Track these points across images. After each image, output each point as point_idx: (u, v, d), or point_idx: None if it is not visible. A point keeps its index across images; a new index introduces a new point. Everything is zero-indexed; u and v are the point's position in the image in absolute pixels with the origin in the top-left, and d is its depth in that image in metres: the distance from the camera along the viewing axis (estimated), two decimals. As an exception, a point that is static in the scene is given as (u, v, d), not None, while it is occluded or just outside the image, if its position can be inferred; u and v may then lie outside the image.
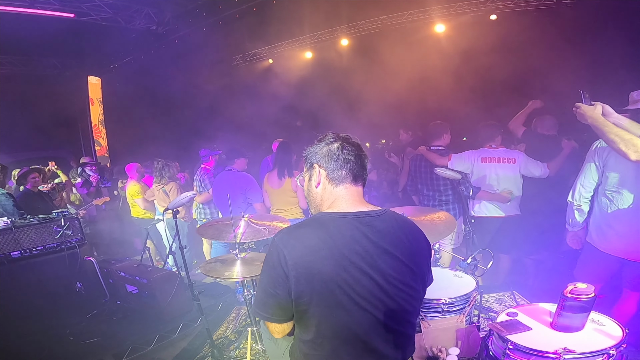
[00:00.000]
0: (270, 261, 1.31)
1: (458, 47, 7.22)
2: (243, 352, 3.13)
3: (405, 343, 1.45)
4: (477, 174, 3.81)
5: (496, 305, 3.69)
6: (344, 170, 1.42)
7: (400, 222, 1.43)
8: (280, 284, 1.28)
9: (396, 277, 1.34)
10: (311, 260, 1.26)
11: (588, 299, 1.72)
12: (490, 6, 7.13)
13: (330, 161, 1.42)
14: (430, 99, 7.11)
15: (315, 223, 1.35)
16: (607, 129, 2.17)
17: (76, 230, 4.04)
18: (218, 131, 7.73)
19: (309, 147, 1.50)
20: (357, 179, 1.45)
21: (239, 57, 10.03)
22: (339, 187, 1.43)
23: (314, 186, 1.47)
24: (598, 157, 2.55)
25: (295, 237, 1.31)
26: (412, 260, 1.38)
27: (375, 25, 8.14)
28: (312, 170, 1.47)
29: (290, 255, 1.26)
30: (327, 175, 1.43)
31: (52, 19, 6.67)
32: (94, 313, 4.00)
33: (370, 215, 1.37)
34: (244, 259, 2.77)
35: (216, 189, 4.61)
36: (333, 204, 1.42)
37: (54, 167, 5.88)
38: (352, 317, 1.30)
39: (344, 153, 1.42)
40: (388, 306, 1.33)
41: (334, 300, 1.27)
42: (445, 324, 2.24)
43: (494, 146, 3.83)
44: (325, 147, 1.44)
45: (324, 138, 1.48)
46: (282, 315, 1.36)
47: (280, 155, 4.24)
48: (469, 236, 3.23)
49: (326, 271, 1.26)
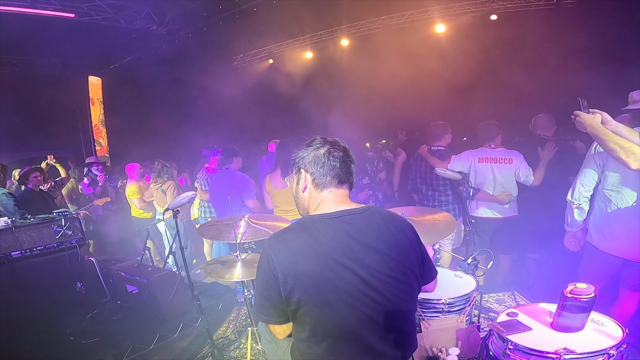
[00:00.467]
0: (261, 266, 1.38)
1: (458, 47, 7.22)
2: (243, 352, 3.13)
3: (404, 340, 1.45)
4: (474, 174, 3.81)
5: (496, 305, 3.69)
6: (329, 177, 1.46)
7: (384, 216, 1.46)
8: (272, 286, 1.34)
9: (383, 272, 1.36)
10: (296, 261, 1.32)
11: (588, 299, 1.72)
12: (491, 6, 7.13)
13: (316, 167, 1.46)
14: (431, 99, 7.11)
15: (300, 226, 1.41)
16: (606, 137, 2.17)
17: (77, 230, 4.05)
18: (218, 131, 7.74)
19: (297, 151, 1.54)
20: (343, 183, 1.49)
21: (239, 57, 10.04)
22: (324, 192, 1.48)
23: (301, 190, 1.52)
24: (598, 157, 2.55)
25: (281, 241, 1.38)
26: (400, 253, 1.41)
27: (375, 25, 8.15)
28: (300, 174, 1.52)
29: (278, 258, 1.33)
30: (313, 180, 1.48)
31: (52, 19, 6.67)
32: (94, 313, 4.00)
33: (352, 213, 1.42)
34: (245, 261, 2.77)
35: (212, 188, 4.62)
36: (319, 206, 1.47)
37: (53, 160, 5.85)
38: (341, 314, 1.33)
39: (330, 159, 1.46)
40: (378, 302, 1.35)
41: (322, 298, 1.31)
42: (445, 324, 2.24)
43: (493, 146, 3.81)
44: (313, 152, 1.48)
45: (312, 143, 1.51)
46: (280, 316, 1.40)
47: (282, 155, 4.23)
48: (469, 236, 3.23)
49: (311, 271, 1.31)
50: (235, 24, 7.80)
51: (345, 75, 8.37)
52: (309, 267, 1.31)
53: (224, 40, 8.23)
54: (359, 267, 1.33)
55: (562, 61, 6.22)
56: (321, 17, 7.97)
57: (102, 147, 10.59)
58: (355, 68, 8.33)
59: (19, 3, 6.22)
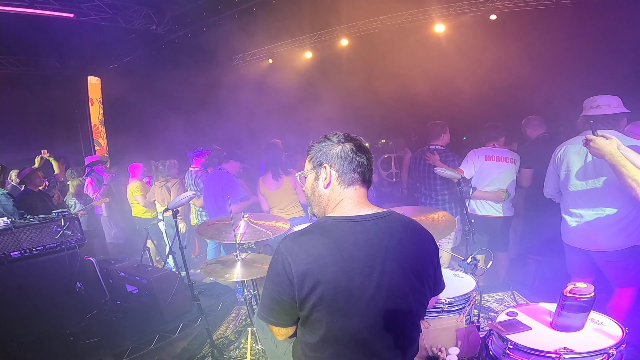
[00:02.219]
0: (275, 268, 1.31)
1: (458, 47, 7.22)
2: (243, 352, 3.14)
3: (409, 346, 1.43)
4: (480, 172, 3.82)
5: (496, 305, 3.69)
6: (356, 173, 1.40)
7: (406, 223, 1.42)
8: (285, 290, 1.29)
9: (400, 281, 1.33)
10: (314, 267, 1.26)
11: (588, 299, 1.72)
12: (490, 6, 7.12)
13: (343, 163, 1.39)
14: (430, 98, 7.11)
15: (319, 229, 1.35)
16: (626, 171, 2.06)
17: (76, 230, 4.04)
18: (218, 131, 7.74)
19: (315, 145, 1.45)
20: (366, 181, 1.43)
21: (238, 57, 10.03)
22: (348, 189, 1.40)
23: (322, 187, 1.43)
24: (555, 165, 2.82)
25: (299, 244, 1.31)
26: (418, 263, 1.37)
27: (375, 25, 8.13)
28: (320, 169, 1.42)
29: (295, 262, 1.27)
30: (339, 176, 1.40)
31: (51, 19, 6.66)
32: (94, 313, 3.99)
33: (374, 217, 1.36)
34: (244, 261, 2.77)
35: (205, 189, 4.67)
36: (338, 205, 1.40)
37: (47, 155, 5.83)
38: (355, 322, 1.29)
39: (358, 155, 1.40)
40: (392, 310, 1.32)
41: (337, 306, 1.27)
42: (445, 323, 2.24)
43: (497, 145, 3.86)
44: (337, 147, 1.41)
45: (333, 137, 1.44)
46: (288, 320, 1.37)
47: (270, 157, 4.27)
48: (469, 236, 3.23)
49: (329, 278, 1.26)
50: (235, 23, 7.78)
51: (344, 74, 8.37)
52: (327, 274, 1.26)
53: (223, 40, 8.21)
54: (378, 275, 1.29)
55: (561, 61, 6.23)
56: (320, 17, 7.96)
57: (101, 147, 10.56)
58: (354, 68, 8.33)
59: (18, 3, 6.21)
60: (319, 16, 7.90)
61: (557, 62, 6.34)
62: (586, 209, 2.62)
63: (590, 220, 2.60)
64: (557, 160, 2.78)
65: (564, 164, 2.72)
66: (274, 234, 2.91)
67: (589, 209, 2.60)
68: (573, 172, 2.66)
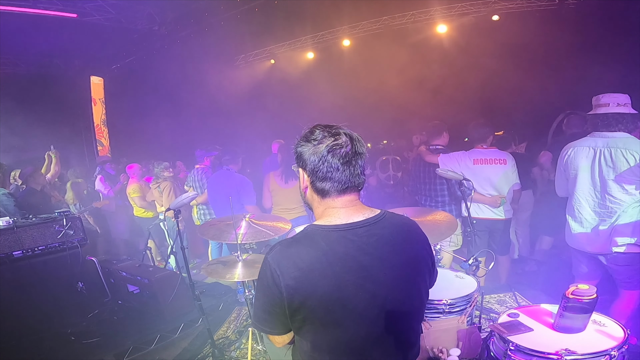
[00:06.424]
0: (264, 280, 1.25)
1: (460, 48, 7.22)
2: (244, 352, 3.13)
3: (407, 349, 1.40)
4: (474, 176, 3.76)
5: (497, 306, 3.68)
6: (329, 182, 1.25)
7: (399, 224, 1.35)
8: (276, 302, 1.24)
9: (396, 288, 1.28)
10: (304, 282, 1.20)
11: (589, 300, 1.71)
12: (493, 7, 7.12)
13: (314, 168, 1.25)
14: (432, 99, 7.12)
15: (307, 240, 1.25)
16: None
17: (78, 229, 4.05)
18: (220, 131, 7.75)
19: (297, 141, 1.31)
20: (347, 189, 1.27)
21: (240, 57, 10.06)
22: (325, 200, 1.29)
23: (302, 189, 1.36)
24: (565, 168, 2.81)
25: (287, 257, 1.23)
26: (413, 265, 1.33)
27: (377, 25, 8.14)
28: (299, 172, 1.34)
29: (283, 276, 1.20)
30: (311, 184, 1.29)
31: (54, 19, 6.69)
32: (95, 313, 4.00)
33: (366, 224, 1.27)
34: (245, 261, 2.77)
35: (211, 187, 4.61)
36: (325, 212, 1.31)
37: (54, 151, 5.76)
38: (348, 333, 1.25)
39: (329, 160, 1.23)
40: (389, 317, 1.27)
41: (329, 318, 1.22)
42: (446, 324, 2.23)
43: (485, 147, 3.72)
44: (311, 148, 1.25)
45: (311, 135, 1.27)
46: (282, 328, 1.32)
47: (287, 156, 4.26)
48: (470, 237, 3.22)
49: (320, 293, 1.20)
50: (237, 24, 7.80)
51: (346, 75, 8.38)
52: (318, 287, 1.19)
53: (225, 41, 8.23)
54: (371, 284, 1.23)
55: (564, 61, 6.21)
56: (323, 17, 7.97)
57: (104, 147, 10.59)
58: (356, 68, 8.33)
59: (21, 3, 6.24)
60: (321, 17, 7.91)
61: (560, 62, 6.33)
62: (594, 212, 2.60)
63: (598, 223, 2.58)
64: (565, 162, 2.76)
65: (572, 166, 2.70)
66: (276, 234, 2.90)
67: (597, 211, 2.59)
68: (581, 174, 2.63)
